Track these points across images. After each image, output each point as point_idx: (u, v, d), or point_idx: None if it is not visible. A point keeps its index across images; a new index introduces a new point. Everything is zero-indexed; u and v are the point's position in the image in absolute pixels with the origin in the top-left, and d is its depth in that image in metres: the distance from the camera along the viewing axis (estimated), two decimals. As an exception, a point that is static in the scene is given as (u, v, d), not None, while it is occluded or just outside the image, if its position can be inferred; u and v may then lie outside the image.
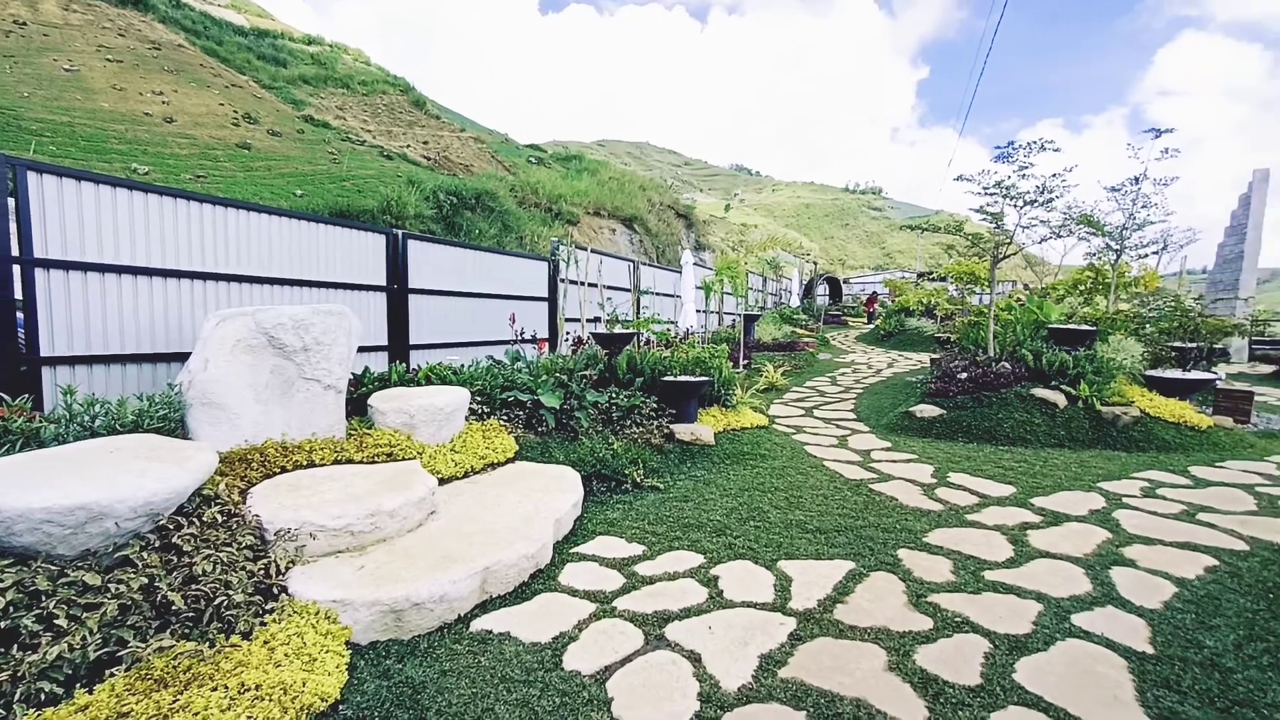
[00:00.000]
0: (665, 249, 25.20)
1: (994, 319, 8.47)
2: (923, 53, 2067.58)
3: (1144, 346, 8.53)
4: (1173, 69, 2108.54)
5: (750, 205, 72.97)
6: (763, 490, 4.65)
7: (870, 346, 17.41)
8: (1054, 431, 6.27)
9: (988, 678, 2.34)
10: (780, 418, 7.48)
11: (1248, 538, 3.72)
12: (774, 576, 3.21)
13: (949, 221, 8.98)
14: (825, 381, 10.65)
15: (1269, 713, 2.14)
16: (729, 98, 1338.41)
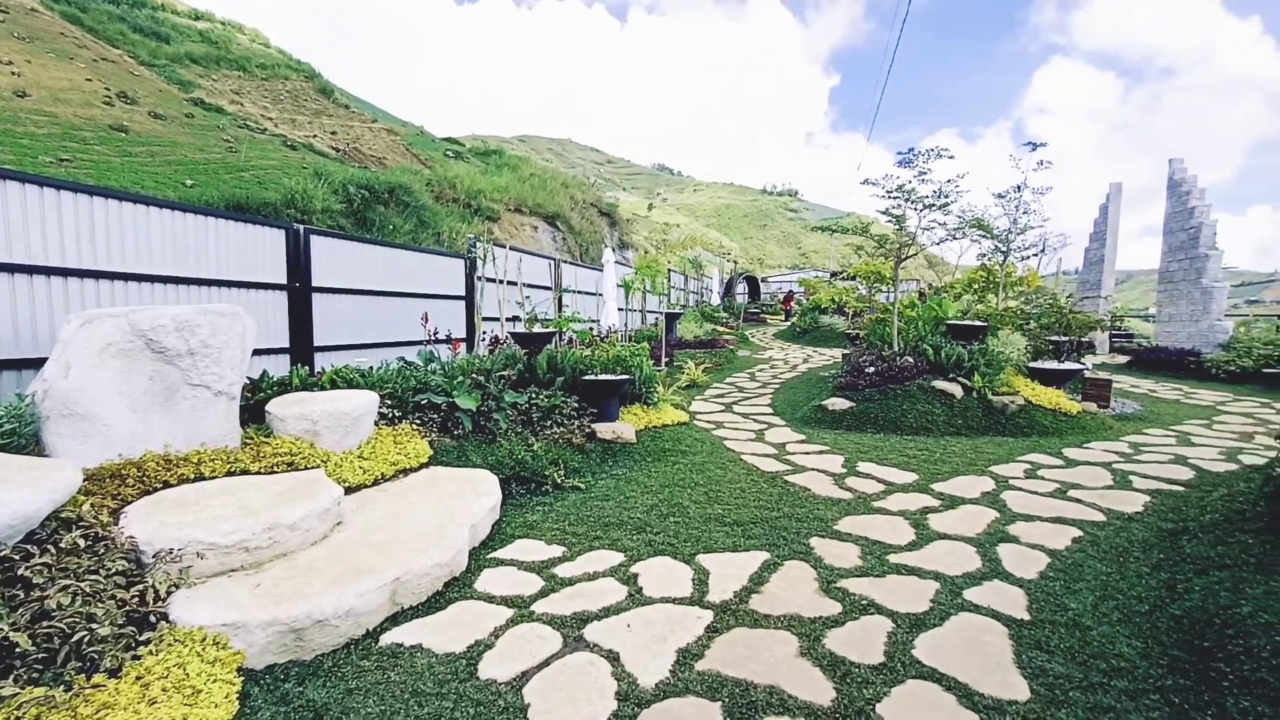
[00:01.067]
0: (589, 247, 25.10)
1: (898, 316, 9.01)
2: (834, 60, 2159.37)
3: (1027, 340, 9.34)
4: (1047, 89, 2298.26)
5: (673, 205, 74.04)
6: (683, 486, 4.72)
7: (787, 343, 18.09)
8: (952, 420, 6.74)
9: (890, 655, 2.48)
10: (701, 414, 7.63)
11: (1105, 509, 4.16)
12: (693, 571, 3.27)
13: (857, 223, 9.47)
14: (745, 378, 10.96)
15: (1116, 661, 2.41)
16: (650, 97, 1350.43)
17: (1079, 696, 2.21)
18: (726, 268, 34.90)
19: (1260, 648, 2.25)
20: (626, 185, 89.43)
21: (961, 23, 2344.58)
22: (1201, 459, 5.47)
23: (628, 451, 5.48)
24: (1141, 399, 8.91)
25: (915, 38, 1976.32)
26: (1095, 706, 2.16)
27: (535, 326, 7.01)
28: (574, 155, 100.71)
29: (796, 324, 20.01)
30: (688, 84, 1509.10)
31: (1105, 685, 2.27)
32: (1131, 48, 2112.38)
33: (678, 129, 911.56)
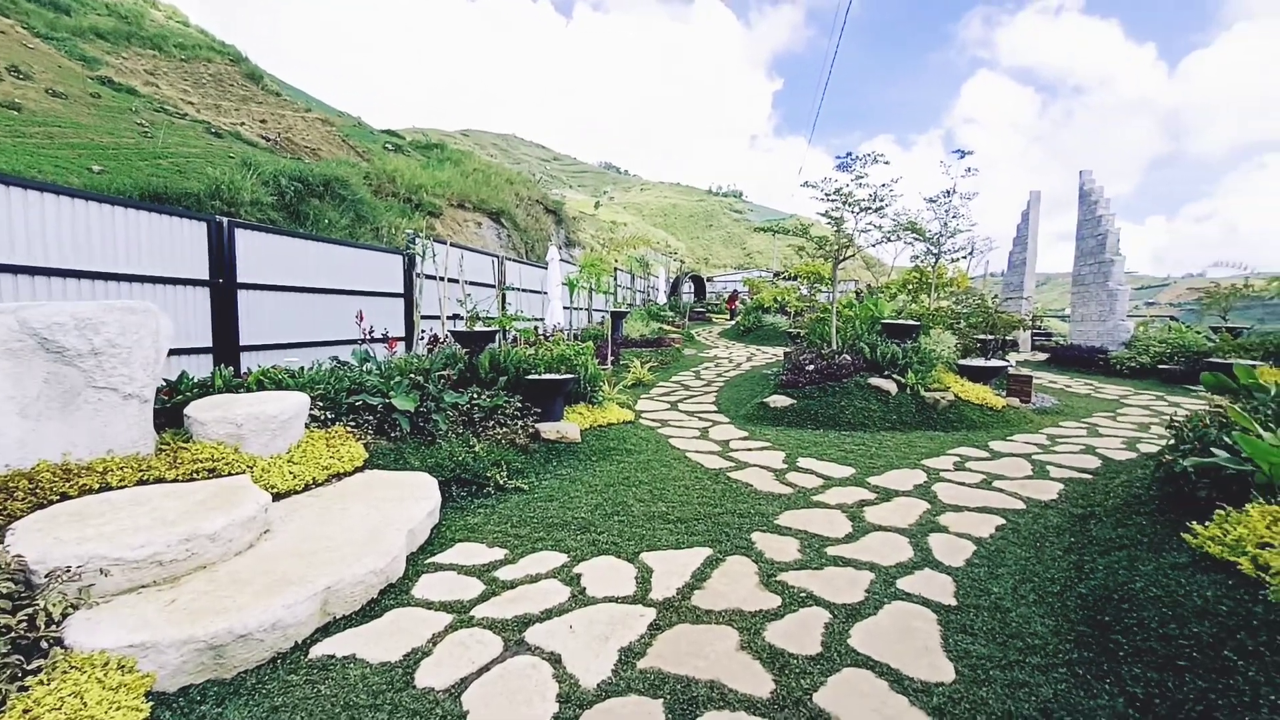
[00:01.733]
0: (535, 244, 24.78)
1: (836, 315, 9.30)
2: (776, 65, 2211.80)
3: (957, 339, 9.84)
4: (974, 100, 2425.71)
5: (619, 203, 74.06)
6: (628, 485, 4.73)
7: (732, 342, 18.40)
8: (887, 416, 7.01)
9: (827, 645, 2.56)
10: (647, 412, 7.66)
11: (1025, 498, 4.42)
12: (636, 569, 3.27)
13: (798, 225, 9.73)
14: (690, 376, 11.08)
15: (1031, 639, 2.56)
16: (596, 95, 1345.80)
17: (998, 675, 2.33)
18: (673, 267, 35.21)
19: (1150, 619, 2.45)
20: (573, 183, 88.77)
21: (897, 34, 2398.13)
22: (1107, 449, 5.90)
23: (572, 451, 5.44)
24: (1058, 393, 9.53)
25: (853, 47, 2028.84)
26: (1012, 683, 2.29)
27: (477, 325, 6.86)
28: (519, 151, 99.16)
29: (741, 323, 20.38)
30: (634, 82, 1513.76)
31: (1021, 662, 2.41)
32: (1046, 66, 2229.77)
33: (624, 127, 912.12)
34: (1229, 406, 3.74)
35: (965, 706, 2.16)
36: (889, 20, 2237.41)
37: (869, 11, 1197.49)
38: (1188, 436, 3.78)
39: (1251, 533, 2.55)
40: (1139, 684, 2.20)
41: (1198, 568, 2.61)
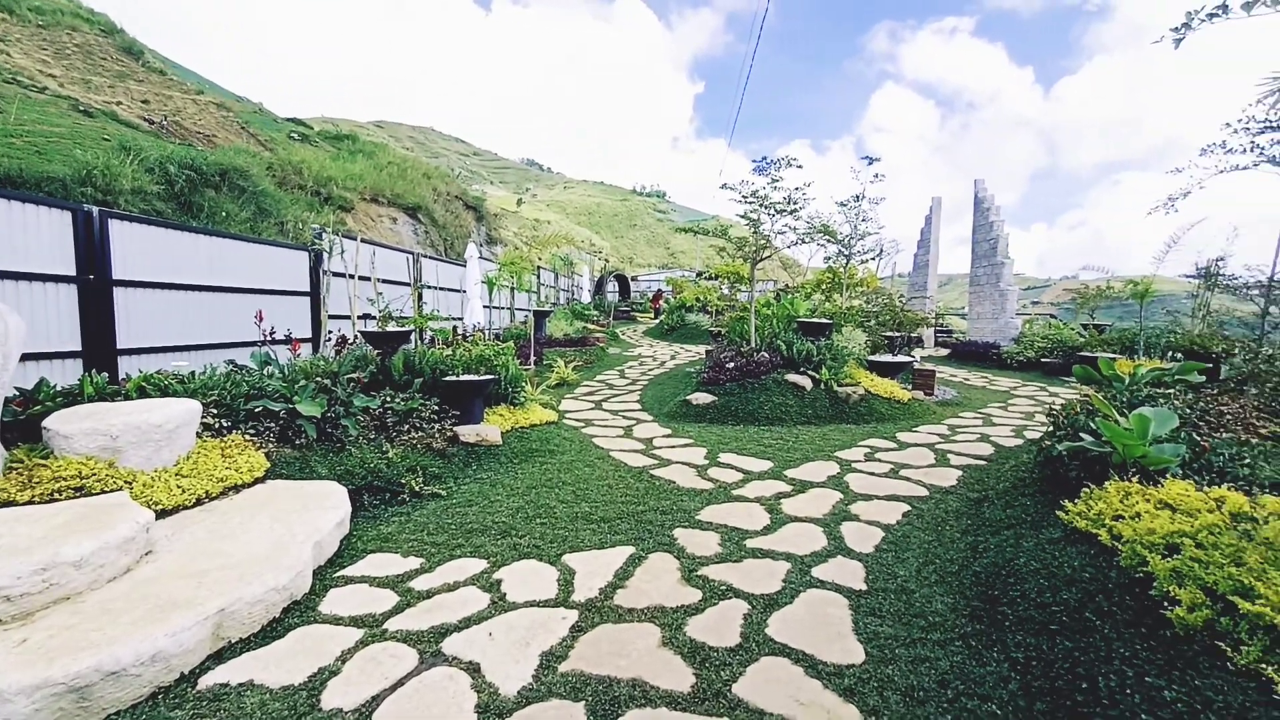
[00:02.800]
0: (454, 241, 23.99)
1: (755, 314, 9.59)
2: (697, 68, 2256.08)
3: (867, 336, 10.39)
4: (882, 110, 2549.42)
5: (543, 201, 73.09)
6: (550, 486, 4.66)
7: (656, 340, 18.59)
8: (803, 410, 7.30)
9: (746, 636, 2.62)
10: (570, 412, 7.60)
11: (928, 485, 4.73)
12: (558, 571, 3.23)
13: (717, 226, 9.94)
14: (615, 375, 11.09)
15: (932, 617, 2.74)
16: (518, 90, 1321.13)
17: (903, 652, 2.48)
18: (597, 266, 35.15)
19: (1030, 590, 2.68)
20: (495, 179, 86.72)
21: (811, 43, 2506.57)
22: (999, 436, 6.41)
23: (493, 454, 5.31)
24: (958, 386, 10.26)
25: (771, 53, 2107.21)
26: (915, 659, 2.43)
27: (390, 325, 6.56)
28: (437, 145, 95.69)
29: (665, 322, 20.63)
30: (556, 79, 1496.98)
31: (923, 639, 2.57)
32: (945, 82, 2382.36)
33: (548, 124, 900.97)
34: (1094, 395, 4.15)
35: (874, 685, 2.28)
36: (804, 30, 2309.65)
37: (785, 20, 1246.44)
38: (1062, 423, 4.16)
39: (1109, 507, 2.85)
40: (1020, 650, 2.41)
41: (1068, 541, 2.88)
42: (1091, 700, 2.04)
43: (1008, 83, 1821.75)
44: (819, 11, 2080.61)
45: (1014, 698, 2.19)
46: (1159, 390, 4.53)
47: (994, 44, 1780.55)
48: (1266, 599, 1.99)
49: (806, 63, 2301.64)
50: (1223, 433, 3.73)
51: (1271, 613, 1.94)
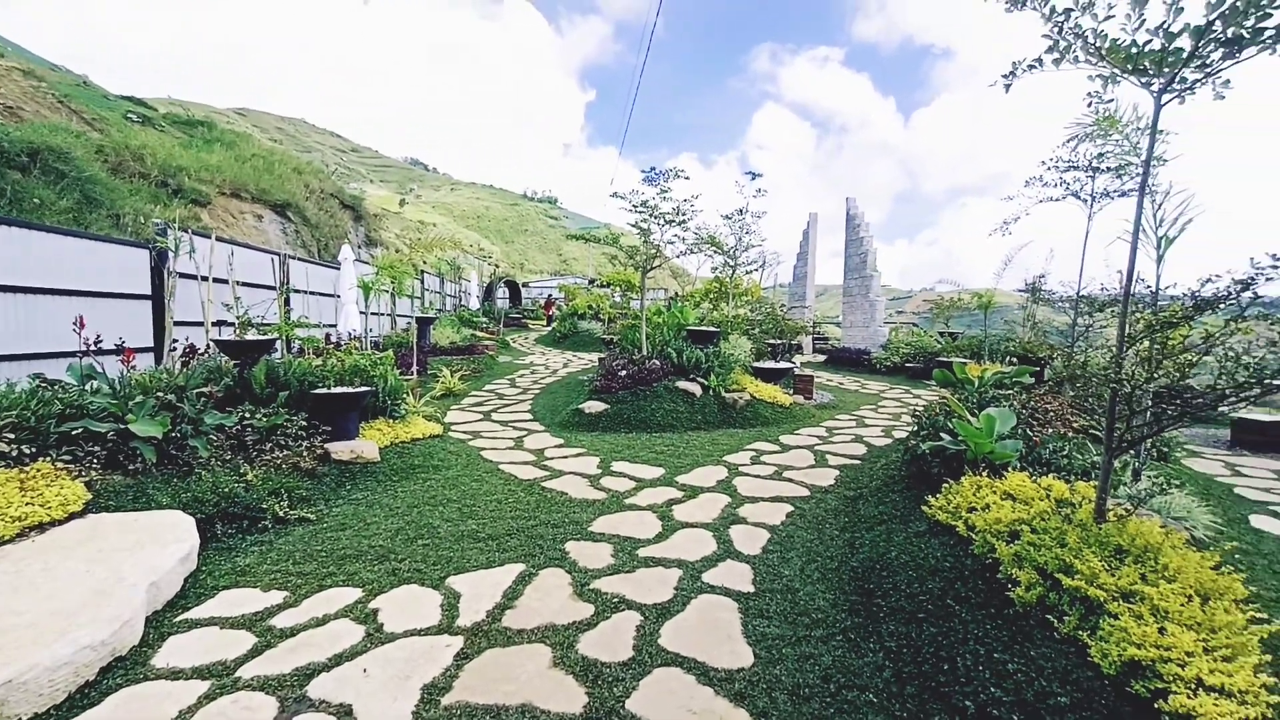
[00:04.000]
0: (329, 243, 22.25)
1: (646, 322, 9.72)
2: (588, 76, 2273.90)
3: (752, 343, 10.86)
4: (764, 128, 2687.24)
5: (428, 203, 69.97)
6: (434, 504, 4.40)
7: (548, 348, 18.34)
8: (693, 416, 7.46)
9: (639, 648, 2.59)
10: (457, 424, 7.26)
11: (809, 485, 4.99)
12: (442, 596, 3.04)
13: (609, 234, 9.98)
14: (505, 384, 10.77)
15: (815, 614, 2.87)
16: (402, 87, 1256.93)
17: (789, 651, 2.56)
18: (487, 271, 34.14)
19: (901, 582, 2.88)
20: (375, 178, 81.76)
21: (699, 59, 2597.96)
22: (871, 437, 6.92)
23: (370, 472, 4.93)
24: (834, 390, 10.98)
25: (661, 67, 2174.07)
26: (801, 657, 2.52)
27: (251, 333, 5.92)
28: (310, 139, 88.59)
29: (557, 329, 20.41)
30: (442, 77, 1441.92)
31: (808, 636, 2.67)
32: (820, 105, 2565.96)
33: (433, 124, 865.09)
34: (950, 397, 4.58)
35: (763, 687, 2.33)
36: (691, 46, 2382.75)
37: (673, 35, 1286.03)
38: (925, 424, 4.56)
39: (964, 500, 3.13)
40: (893, 639, 2.57)
41: (932, 533, 3.14)
42: (951, 679, 2.21)
43: (874, 110, 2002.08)
44: (706, 29, 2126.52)
45: (888, 684, 2.33)
46: (1000, 391, 5.11)
47: (861, 74, 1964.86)
48: (1082, 574, 2.27)
49: (694, 78, 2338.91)
50: (1048, 428, 4.25)
51: (1086, 585, 2.21)
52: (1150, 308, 3.02)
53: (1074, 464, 3.56)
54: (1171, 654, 1.88)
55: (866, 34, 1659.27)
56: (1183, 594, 2.15)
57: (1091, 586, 2.19)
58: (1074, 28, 2.49)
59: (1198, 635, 1.96)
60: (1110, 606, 2.11)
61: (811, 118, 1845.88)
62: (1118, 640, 1.96)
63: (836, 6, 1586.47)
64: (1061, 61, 2.61)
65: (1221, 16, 2.19)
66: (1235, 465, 5.92)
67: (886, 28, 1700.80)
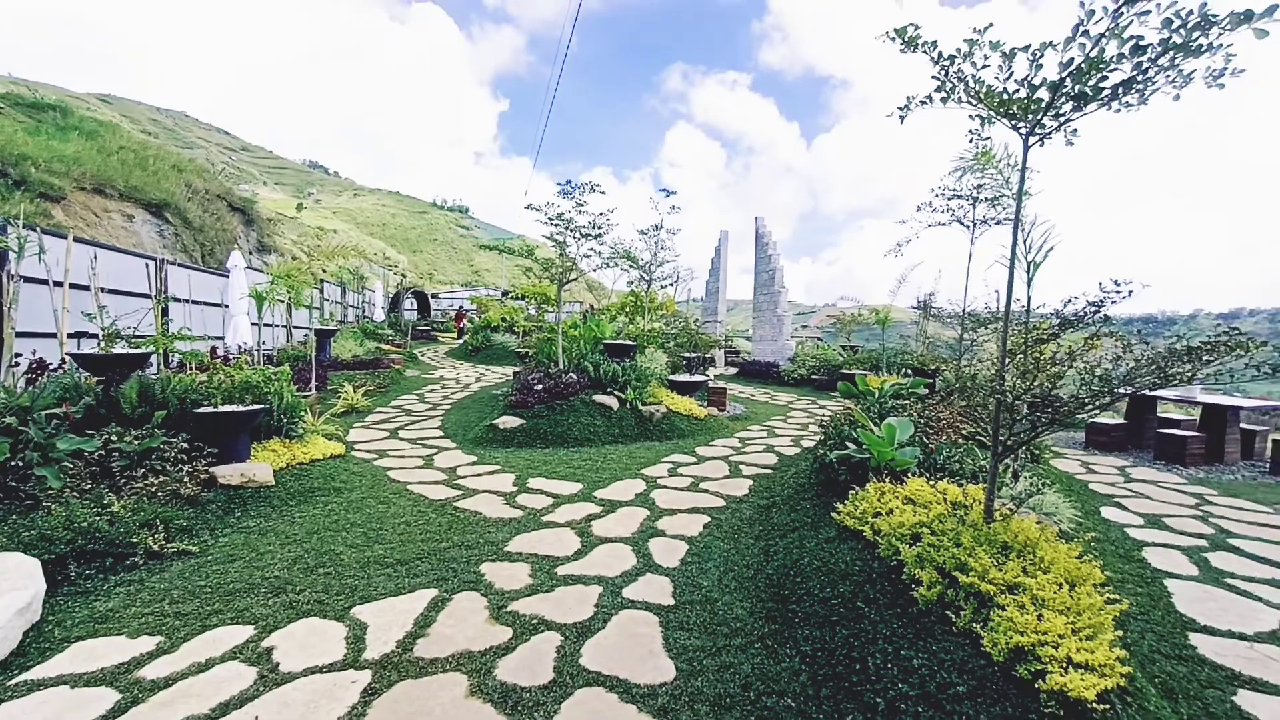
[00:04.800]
0: (215, 248, 20.43)
1: (563, 335, 9.63)
2: (501, 85, 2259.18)
3: (667, 357, 11.02)
4: (676, 146, 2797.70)
5: (329, 208, 66.12)
6: (336, 529, 4.10)
7: (460, 361, 17.75)
8: (611, 430, 7.45)
9: (559, 670, 2.52)
10: (361, 443, 6.84)
11: (725, 496, 5.10)
12: (347, 627, 2.82)
13: (523, 245, 9.83)
14: (413, 399, 10.30)
15: (734, 623, 2.92)
16: (301, 85, 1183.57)
17: (710, 662, 2.58)
18: (393, 281, 32.64)
19: (813, 586, 3.00)
20: (269, 179, 76.23)
21: (614, 75, 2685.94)
22: (782, 446, 7.19)
23: (264, 497, 4.53)
24: (746, 402, 11.34)
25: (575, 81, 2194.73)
26: (722, 666, 2.55)
27: (119, 345, 5.30)
28: (193, 134, 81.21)
29: (469, 342, 19.80)
30: (346, 79, 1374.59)
31: (727, 646, 2.71)
32: (729, 127, 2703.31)
33: (336, 126, 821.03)
34: (854, 408, 4.85)
35: (685, 700, 2.33)
36: (607, 62, 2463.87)
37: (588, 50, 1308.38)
38: (832, 433, 4.80)
39: (870, 506, 3.31)
40: (809, 643, 2.66)
41: (842, 539, 3.29)
42: (863, 678, 2.31)
43: (779, 134, 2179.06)
44: (620, 47, 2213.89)
45: (805, 688, 2.41)
46: (898, 402, 5.48)
47: (767, 99, 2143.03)
48: (975, 571, 2.46)
49: (609, 93, 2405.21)
50: (941, 435, 4.60)
51: (979, 581, 2.40)
52: (1023, 325, 3.35)
53: (964, 468, 3.86)
54: (1047, 638, 2.06)
55: (773, 61, 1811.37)
56: (1055, 583, 2.38)
57: (983, 582, 2.38)
58: (958, 72, 2.74)
59: (1068, 619, 2.17)
60: (999, 599, 2.29)
61: (721, 138, 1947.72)
62: (1005, 629, 2.14)
63: (745, 34, 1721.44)
64: (948, 100, 2.86)
65: (1071, 74, 2.48)
66: (1089, 464, 6.68)
67: (790, 56, 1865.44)
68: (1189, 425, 7.48)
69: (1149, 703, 2.04)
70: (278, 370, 5.68)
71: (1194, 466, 6.58)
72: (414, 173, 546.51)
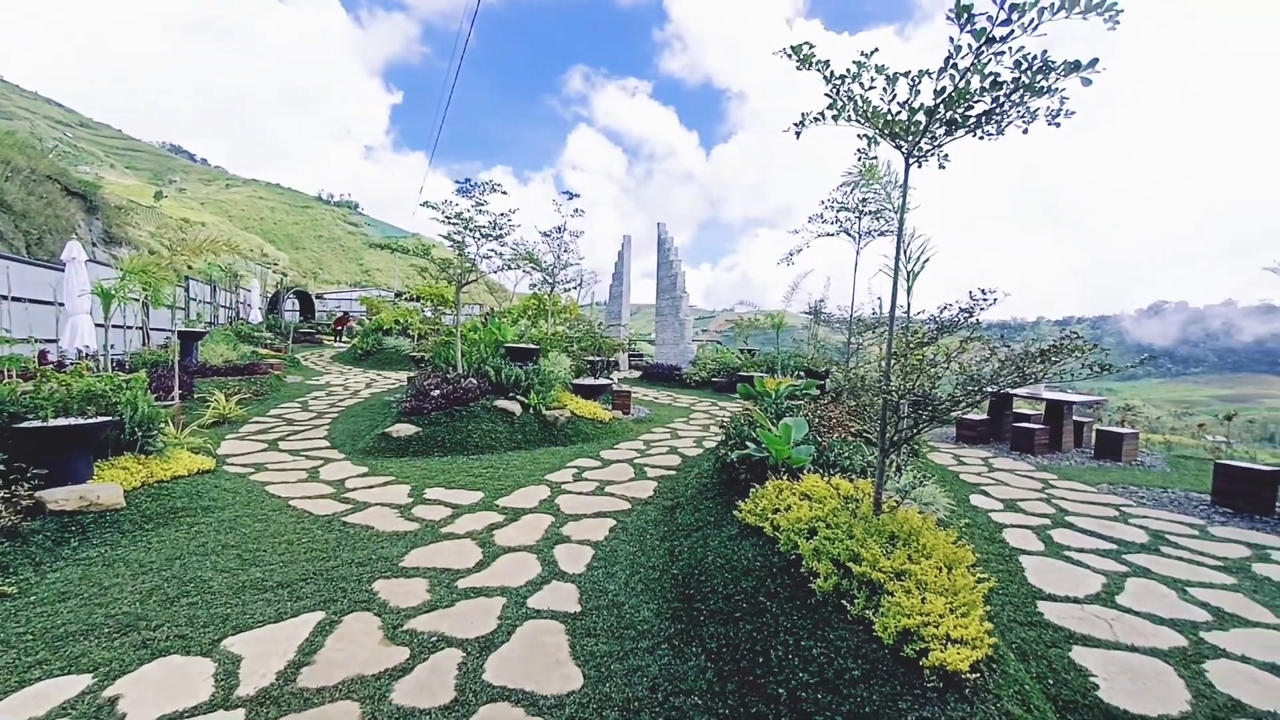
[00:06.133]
0: (45, 237, 17.74)
1: (462, 339, 9.28)
2: (394, 76, 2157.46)
3: (571, 360, 10.92)
4: (578, 149, 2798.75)
5: (196, 198, 59.73)
6: (204, 553, 3.67)
7: (348, 366, 16.63)
8: (513, 436, 7.25)
9: (461, 688, 2.40)
10: (235, 456, 6.19)
11: (630, 498, 5.12)
12: (216, 664, 2.53)
13: (418, 244, 9.36)
14: (296, 408, 9.49)
15: (641, 626, 2.92)
16: (158, 61, 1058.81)
17: (618, 666, 2.56)
18: (273, 280, 30.02)
19: (718, 584, 3.07)
20: (119, 162, 67.38)
21: (514, 74, 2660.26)
22: (685, 448, 7.33)
23: (111, 522, 3.97)
24: (650, 405, 11.47)
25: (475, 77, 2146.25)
26: (629, 670, 2.54)
27: (-83, 349, 4.46)
28: (13, 104, 70.02)
29: (358, 346, 18.60)
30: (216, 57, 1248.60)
31: (635, 649, 2.70)
32: (630, 133, 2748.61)
33: (204, 109, 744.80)
34: (753, 409, 5.04)
35: (593, 707, 2.29)
36: (506, 59, 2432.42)
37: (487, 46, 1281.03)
38: (732, 434, 4.95)
39: (769, 503, 3.44)
40: (714, 640, 2.71)
41: (744, 536, 3.39)
42: (766, 671, 2.39)
43: (680, 142, 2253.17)
44: (522, 45, 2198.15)
45: (711, 685, 2.44)
46: (793, 402, 5.76)
47: (668, 107, 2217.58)
48: (867, 561, 2.61)
49: (510, 92, 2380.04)
50: (833, 433, 4.89)
51: (870, 570, 2.55)
52: (905, 330, 3.63)
53: (854, 464, 4.12)
54: (930, 619, 2.23)
55: (673, 69, 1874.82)
56: (936, 567, 2.58)
57: (874, 570, 2.53)
58: (848, 91, 2.92)
59: (946, 599, 2.36)
60: (888, 586, 2.45)
61: (624, 143, 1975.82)
62: (894, 614, 2.28)
63: (647, 41, 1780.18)
64: (839, 118, 3.04)
65: (944, 101, 2.72)
66: (959, 456, 7.37)
67: (690, 66, 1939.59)
68: (1036, 419, 8.48)
69: (1009, 666, 2.27)
70: (130, 377, 5.02)
71: (1041, 455, 7.45)
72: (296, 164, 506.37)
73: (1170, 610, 3.27)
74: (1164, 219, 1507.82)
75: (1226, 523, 4.92)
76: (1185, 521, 4.90)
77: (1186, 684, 2.58)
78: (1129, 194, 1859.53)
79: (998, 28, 2.45)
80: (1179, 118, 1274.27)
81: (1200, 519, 4.99)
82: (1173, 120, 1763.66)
